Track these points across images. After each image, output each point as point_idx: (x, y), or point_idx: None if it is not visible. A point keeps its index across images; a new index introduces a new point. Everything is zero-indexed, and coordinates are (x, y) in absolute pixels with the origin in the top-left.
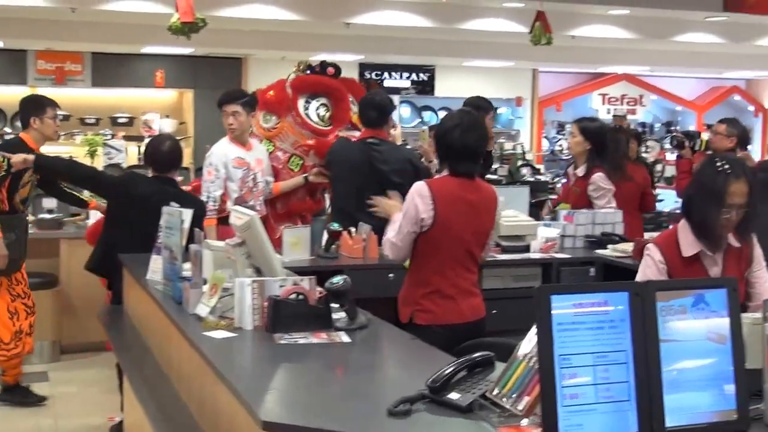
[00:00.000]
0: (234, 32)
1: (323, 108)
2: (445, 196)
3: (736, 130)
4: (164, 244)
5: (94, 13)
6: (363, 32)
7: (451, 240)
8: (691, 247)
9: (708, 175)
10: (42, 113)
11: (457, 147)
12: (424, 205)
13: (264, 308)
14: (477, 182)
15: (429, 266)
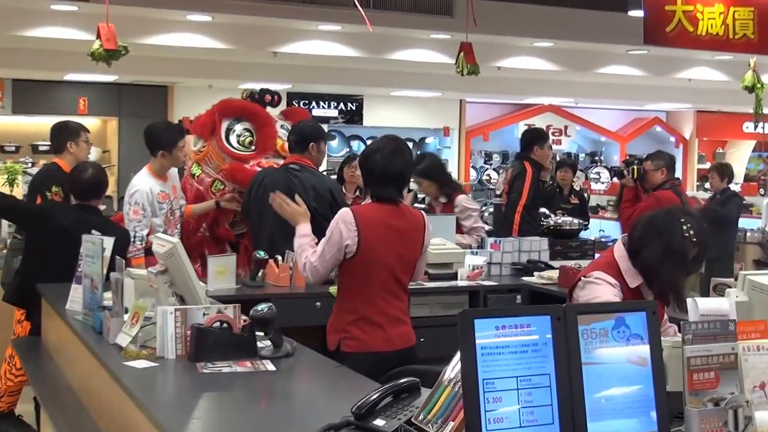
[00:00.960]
0: (160, 60)
1: (247, 133)
2: (369, 222)
3: (662, 161)
4: (84, 272)
5: (15, 39)
6: (290, 61)
7: (376, 266)
8: (634, 279)
9: (676, 239)
10: (77, 137)
11: (378, 172)
12: (348, 231)
13: (187, 337)
14: (403, 208)
15: (356, 293)
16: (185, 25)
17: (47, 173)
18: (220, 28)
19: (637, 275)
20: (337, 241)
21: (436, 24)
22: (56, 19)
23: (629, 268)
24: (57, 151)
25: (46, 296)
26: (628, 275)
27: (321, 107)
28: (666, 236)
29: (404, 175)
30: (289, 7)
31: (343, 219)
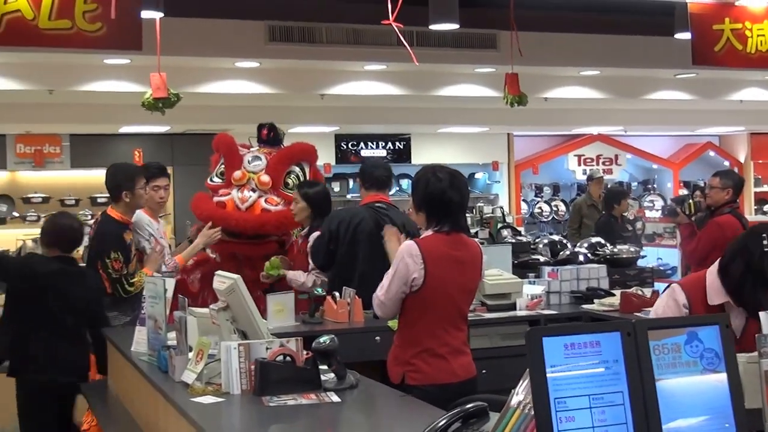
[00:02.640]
0: (210, 108)
1: (222, 166)
2: (434, 255)
3: (731, 181)
4: (148, 314)
5: (71, 95)
6: (338, 103)
7: (441, 298)
8: (718, 297)
9: (756, 256)
10: (133, 185)
11: (439, 201)
12: (414, 264)
13: (251, 371)
14: (463, 238)
15: (419, 325)
16: (234, 72)
17: (103, 238)
18: (268, 74)
19: (722, 292)
20: (404, 274)
21: (480, 58)
22: (109, 73)
23: (715, 284)
24: (114, 200)
25: (111, 339)
26: (712, 290)
27: (369, 147)
28: (748, 253)
29: (465, 203)
30: (335, 49)
31: (409, 252)
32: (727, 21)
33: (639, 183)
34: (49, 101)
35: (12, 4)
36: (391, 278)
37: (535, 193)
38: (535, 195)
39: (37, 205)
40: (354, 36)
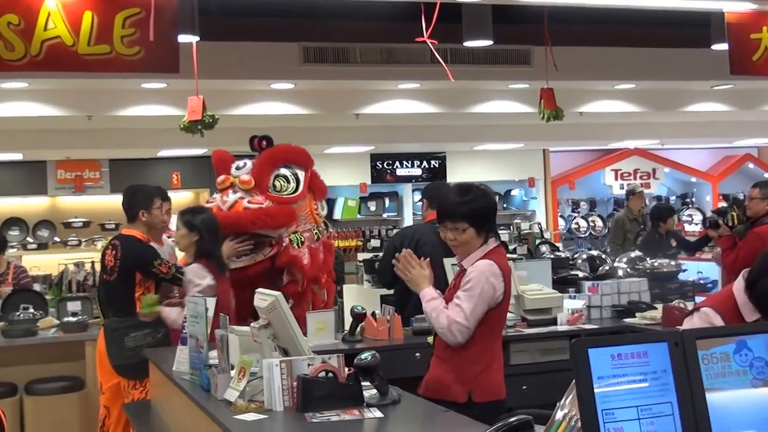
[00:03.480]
0: (247, 129)
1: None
2: (507, 270)
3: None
4: (189, 333)
5: (110, 120)
6: (373, 122)
7: (505, 313)
8: (752, 313)
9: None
10: (150, 204)
11: (490, 214)
12: (499, 283)
13: (293, 388)
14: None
15: (485, 342)
16: (269, 94)
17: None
18: (303, 95)
19: (754, 309)
20: (490, 295)
21: (514, 74)
22: (147, 98)
23: (747, 301)
24: (130, 221)
25: (153, 360)
26: (746, 309)
27: (405, 166)
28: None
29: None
30: (369, 68)
31: (492, 272)
32: (765, 30)
33: (677, 197)
34: (88, 127)
35: (52, 31)
36: (472, 301)
37: (572, 208)
38: (572, 210)
39: (77, 229)
40: (387, 55)
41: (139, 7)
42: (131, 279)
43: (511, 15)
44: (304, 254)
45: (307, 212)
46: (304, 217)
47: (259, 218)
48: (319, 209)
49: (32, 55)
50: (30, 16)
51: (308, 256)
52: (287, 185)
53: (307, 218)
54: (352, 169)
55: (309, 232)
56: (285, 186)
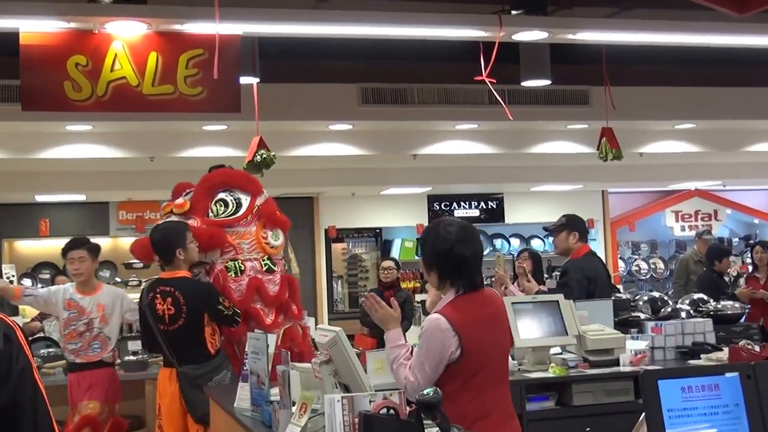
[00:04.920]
0: (305, 171)
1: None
2: (466, 321)
3: None
4: (250, 369)
5: (171, 161)
6: (430, 163)
7: (485, 364)
8: None
9: None
10: (183, 240)
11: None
12: (448, 338)
13: (355, 425)
14: (483, 292)
15: (465, 397)
16: (328, 135)
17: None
18: (361, 136)
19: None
20: (438, 352)
21: (572, 114)
22: (208, 139)
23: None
24: (167, 263)
25: (214, 397)
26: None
27: (462, 207)
28: None
29: (480, 259)
30: (427, 109)
31: (438, 327)
32: None
33: (740, 238)
34: (150, 168)
35: (118, 72)
36: (421, 359)
37: (632, 250)
38: (632, 252)
39: (138, 270)
40: (445, 95)
41: (202, 48)
42: (200, 321)
43: (570, 55)
44: (239, 285)
45: (251, 240)
46: (248, 245)
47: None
48: (270, 239)
49: (98, 95)
50: (97, 57)
51: (244, 288)
52: (225, 209)
53: (253, 246)
54: (409, 210)
55: (255, 262)
56: (222, 210)
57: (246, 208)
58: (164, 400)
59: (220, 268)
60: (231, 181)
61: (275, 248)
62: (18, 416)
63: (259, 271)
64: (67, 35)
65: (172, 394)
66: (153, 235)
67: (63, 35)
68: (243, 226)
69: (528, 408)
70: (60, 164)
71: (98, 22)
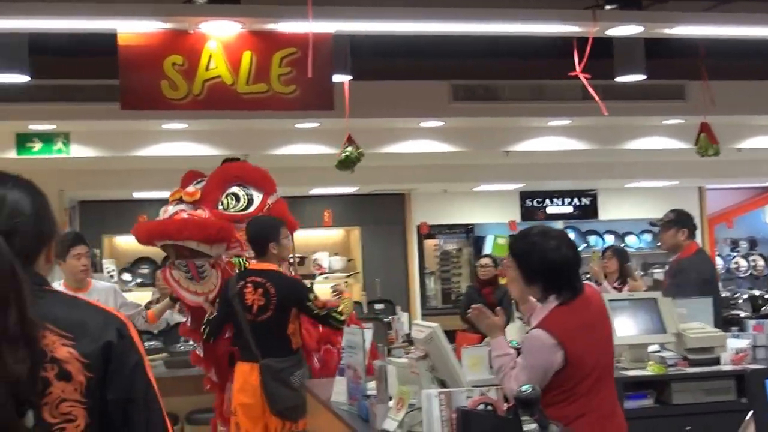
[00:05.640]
0: (396, 168)
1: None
2: (570, 332)
3: None
4: (347, 364)
5: (264, 159)
6: (522, 160)
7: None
8: None
9: None
10: (278, 235)
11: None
12: (553, 354)
13: (452, 420)
14: (585, 292)
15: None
16: (419, 132)
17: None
18: (452, 132)
19: None
20: (544, 368)
21: (668, 109)
22: (300, 137)
23: None
24: (260, 255)
25: (311, 391)
26: None
27: (555, 204)
28: None
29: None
30: (519, 105)
31: (543, 344)
32: None
33: None
34: None
35: (213, 71)
36: (528, 374)
37: (730, 247)
38: (731, 250)
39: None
40: (538, 91)
41: (295, 47)
42: (287, 316)
43: (665, 49)
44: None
45: None
46: None
47: (185, 227)
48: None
49: (194, 94)
50: (193, 56)
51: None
52: (236, 203)
53: None
54: (501, 206)
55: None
56: (233, 204)
57: (257, 205)
58: (245, 396)
59: (226, 262)
60: (246, 176)
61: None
62: (130, 411)
63: None
64: (164, 35)
65: (254, 388)
66: (249, 228)
67: (159, 35)
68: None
69: (626, 406)
70: (156, 162)
71: (193, 22)
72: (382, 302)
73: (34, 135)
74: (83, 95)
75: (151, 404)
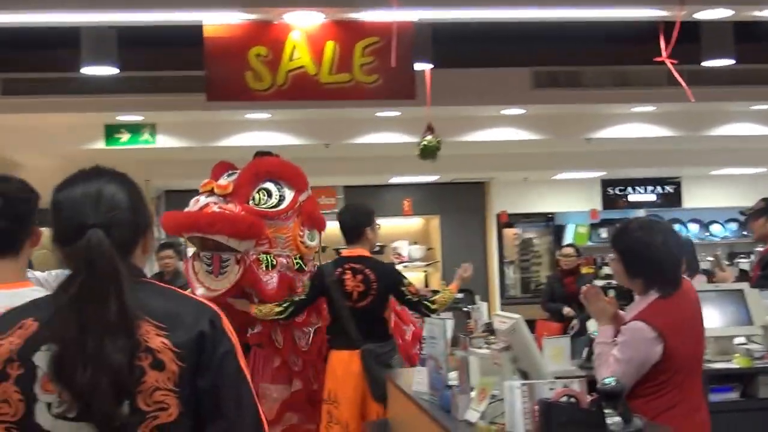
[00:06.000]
0: (477, 156)
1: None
2: (671, 326)
3: None
4: (428, 354)
5: (345, 148)
6: (604, 147)
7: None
8: None
9: None
10: (373, 222)
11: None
12: (652, 348)
13: (534, 412)
14: (683, 289)
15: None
16: (499, 120)
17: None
18: (533, 120)
19: None
20: (640, 362)
21: (758, 95)
22: (381, 126)
23: None
24: (354, 240)
25: (392, 379)
26: None
27: (637, 192)
28: None
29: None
30: (601, 92)
31: (643, 338)
32: None
33: None
34: (325, 155)
35: (297, 61)
36: (624, 368)
37: None
38: None
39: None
40: (621, 78)
41: (377, 36)
42: (386, 301)
43: (755, 33)
44: (271, 278)
45: (288, 236)
46: (284, 240)
47: (216, 221)
48: (306, 238)
49: (278, 84)
50: (277, 47)
51: (276, 282)
52: (267, 199)
53: (288, 242)
54: (582, 194)
55: (286, 258)
56: (264, 200)
57: (289, 203)
58: (345, 382)
59: (252, 259)
60: (279, 173)
61: (309, 248)
62: (221, 399)
63: (290, 268)
64: (248, 26)
65: (355, 375)
66: (343, 215)
67: (244, 27)
68: (282, 220)
69: (711, 399)
70: (240, 151)
71: (277, 12)
72: (461, 291)
73: (122, 126)
74: (170, 86)
75: (243, 393)
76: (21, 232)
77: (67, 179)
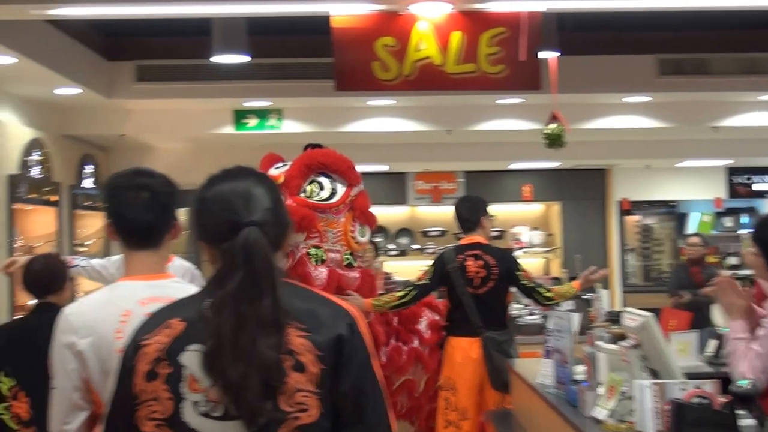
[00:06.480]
0: (599, 143)
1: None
2: None
3: None
4: (554, 347)
5: (467, 134)
6: (730, 135)
7: None
8: None
9: None
10: (486, 213)
11: None
12: None
13: (665, 412)
14: None
15: None
16: (622, 107)
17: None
18: (658, 107)
19: None
20: None
21: None
22: (503, 112)
23: None
24: (471, 229)
25: (517, 371)
26: None
27: (764, 181)
28: None
29: None
30: (728, 79)
31: None
32: None
33: None
34: (447, 141)
35: (423, 51)
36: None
37: None
38: None
39: (434, 238)
40: (749, 65)
41: (504, 26)
42: (506, 286)
43: None
44: (321, 273)
45: (339, 231)
46: (334, 235)
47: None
48: (357, 234)
49: (405, 74)
50: (404, 37)
51: (325, 277)
52: (319, 192)
53: (338, 238)
54: (706, 182)
55: (336, 254)
56: (316, 192)
57: (341, 196)
58: (464, 369)
59: (302, 253)
60: (332, 165)
61: (359, 244)
62: (360, 403)
63: (339, 264)
64: (375, 17)
65: (475, 362)
66: (460, 205)
67: (371, 17)
68: (333, 214)
69: None
70: (364, 137)
71: (404, 3)
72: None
73: (249, 111)
74: (296, 73)
75: (378, 396)
76: (164, 225)
77: (213, 178)
